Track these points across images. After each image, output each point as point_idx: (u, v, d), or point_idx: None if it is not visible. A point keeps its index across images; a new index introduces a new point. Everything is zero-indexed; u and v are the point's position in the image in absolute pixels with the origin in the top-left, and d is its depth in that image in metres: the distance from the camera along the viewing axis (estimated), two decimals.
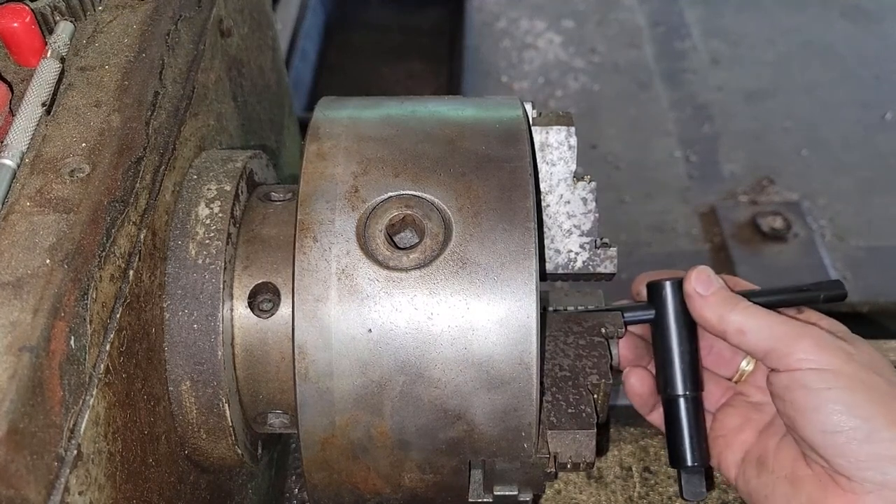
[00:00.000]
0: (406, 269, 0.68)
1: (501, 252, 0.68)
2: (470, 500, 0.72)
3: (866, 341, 0.76)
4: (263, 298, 0.75)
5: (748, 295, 0.79)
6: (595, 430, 0.73)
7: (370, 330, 0.67)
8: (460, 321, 0.67)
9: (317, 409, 0.68)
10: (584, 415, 0.74)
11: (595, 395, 0.76)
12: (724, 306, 0.77)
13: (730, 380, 0.85)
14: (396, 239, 0.71)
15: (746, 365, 0.83)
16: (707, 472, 0.83)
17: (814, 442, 0.72)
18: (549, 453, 0.71)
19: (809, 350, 0.72)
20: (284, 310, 0.74)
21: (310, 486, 0.73)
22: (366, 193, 0.71)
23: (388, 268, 0.68)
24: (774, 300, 0.80)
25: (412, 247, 0.69)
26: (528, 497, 0.73)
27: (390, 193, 0.70)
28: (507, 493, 0.72)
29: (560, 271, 0.81)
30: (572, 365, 0.77)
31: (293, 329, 0.68)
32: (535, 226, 0.69)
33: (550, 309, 0.85)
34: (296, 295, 0.68)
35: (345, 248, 0.69)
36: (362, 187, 0.71)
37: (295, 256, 0.68)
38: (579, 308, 0.84)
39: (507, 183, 0.70)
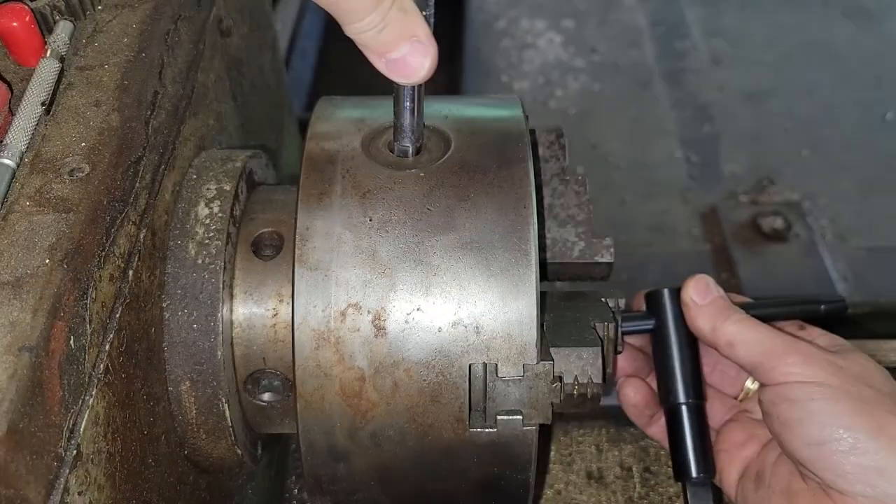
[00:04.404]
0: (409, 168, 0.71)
1: (498, 158, 0.72)
2: (471, 429, 0.69)
3: (863, 354, 0.75)
4: None
5: (747, 307, 0.79)
6: (601, 349, 0.71)
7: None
8: (459, 211, 0.69)
9: (314, 295, 0.68)
10: (588, 338, 0.72)
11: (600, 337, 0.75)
12: (718, 317, 0.77)
13: (735, 398, 0.84)
14: None
15: (752, 383, 0.82)
16: (714, 486, 0.80)
17: (801, 456, 0.71)
18: (552, 362, 0.68)
19: (796, 364, 0.72)
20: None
21: (300, 405, 0.69)
22: (371, 122, 0.75)
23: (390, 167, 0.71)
24: (773, 312, 0.79)
25: (414, 153, 0.72)
26: (533, 425, 0.69)
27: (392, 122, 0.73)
28: (511, 417, 0.68)
29: (557, 260, 0.80)
30: (574, 316, 0.76)
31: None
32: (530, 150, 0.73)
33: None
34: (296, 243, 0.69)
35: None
36: (367, 120, 0.76)
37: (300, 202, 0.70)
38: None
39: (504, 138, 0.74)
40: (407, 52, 0.59)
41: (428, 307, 0.67)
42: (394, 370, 0.67)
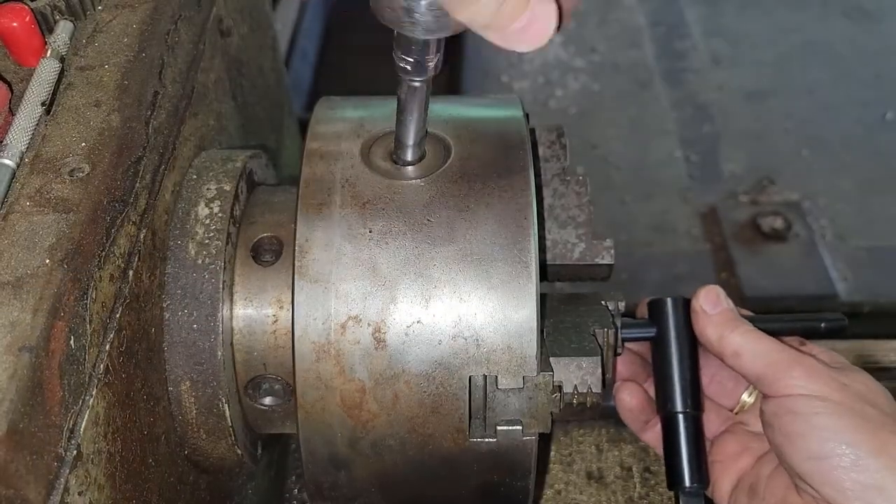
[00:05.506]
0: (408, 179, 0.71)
1: (498, 166, 0.71)
2: (471, 439, 0.69)
3: (866, 373, 0.75)
4: None
5: (751, 320, 0.79)
6: (600, 358, 0.71)
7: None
8: (459, 223, 0.68)
9: (314, 308, 0.68)
10: (588, 347, 0.72)
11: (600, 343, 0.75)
12: (726, 327, 0.77)
13: (731, 410, 0.85)
14: None
15: (748, 396, 0.83)
16: (707, 497, 0.80)
17: (801, 469, 0.71)
18: (552, 373, 0.68)
19: (800, 377, 0.72)
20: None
21: (301, 415, 0.69)
22: (370, 126, 0.75)
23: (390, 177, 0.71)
24: (774, 327, 0.79)
25: (414, 163, 0.72)
26: (532, 434, 0.70)
27: (392, 127, 0.72)
28: (510, 427, 0.69)
29: (558, 262, 0.80)
30: (574, 321, 0.77)
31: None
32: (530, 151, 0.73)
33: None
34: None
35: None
36: (367, 123, 0.75)
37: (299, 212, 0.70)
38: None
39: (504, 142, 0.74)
40: (531, 16, 0.53)
41: (428, 319, 0.67)
42: (394, 382, 0.67)
